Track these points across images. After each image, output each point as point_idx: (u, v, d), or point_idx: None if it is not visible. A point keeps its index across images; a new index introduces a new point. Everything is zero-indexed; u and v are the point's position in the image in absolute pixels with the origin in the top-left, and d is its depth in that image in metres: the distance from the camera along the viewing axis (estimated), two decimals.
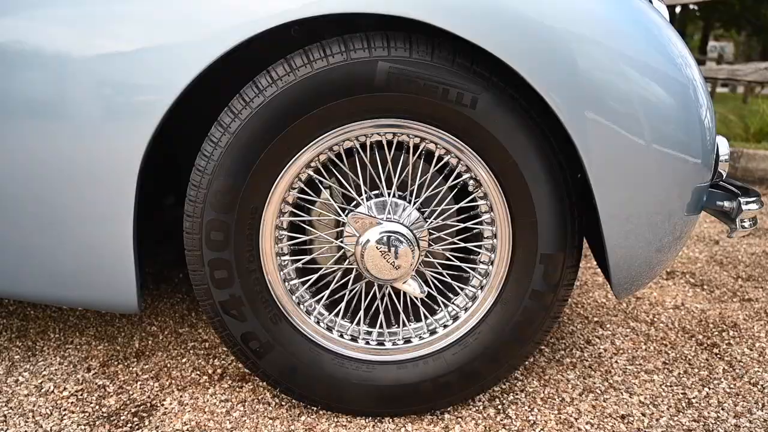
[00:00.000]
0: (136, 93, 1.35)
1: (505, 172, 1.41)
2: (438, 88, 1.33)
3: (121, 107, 1.36)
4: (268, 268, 1.49)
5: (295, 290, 1.56)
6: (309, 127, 1.34)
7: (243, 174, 1.39)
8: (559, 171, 1.40)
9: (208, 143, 1.40)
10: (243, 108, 1.36)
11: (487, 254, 1.54)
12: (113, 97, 1.36)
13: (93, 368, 1.87)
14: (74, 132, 1.39)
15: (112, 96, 1.36)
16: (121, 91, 1.35)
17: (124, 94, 1.35)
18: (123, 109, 1.36)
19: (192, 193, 1.41)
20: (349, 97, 1.32)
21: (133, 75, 1.34)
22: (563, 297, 1.51)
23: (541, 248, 1.45)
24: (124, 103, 1.35)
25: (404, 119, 1.36)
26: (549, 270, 1.47)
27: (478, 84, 1.32)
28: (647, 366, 1.96)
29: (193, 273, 1.47)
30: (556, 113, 1.30)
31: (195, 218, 1.42)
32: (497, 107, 1.35)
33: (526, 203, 1.42)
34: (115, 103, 1.36)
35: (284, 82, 1.34)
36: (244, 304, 1.48)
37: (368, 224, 1.44)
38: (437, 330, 1.58)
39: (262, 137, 1.37)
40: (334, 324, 1.59)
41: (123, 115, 1.36)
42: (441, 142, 1.41)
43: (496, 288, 1.52)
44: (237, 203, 1.40)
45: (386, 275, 1.45)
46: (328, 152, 1.41)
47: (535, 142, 1.38)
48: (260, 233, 1.46)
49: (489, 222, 1.51)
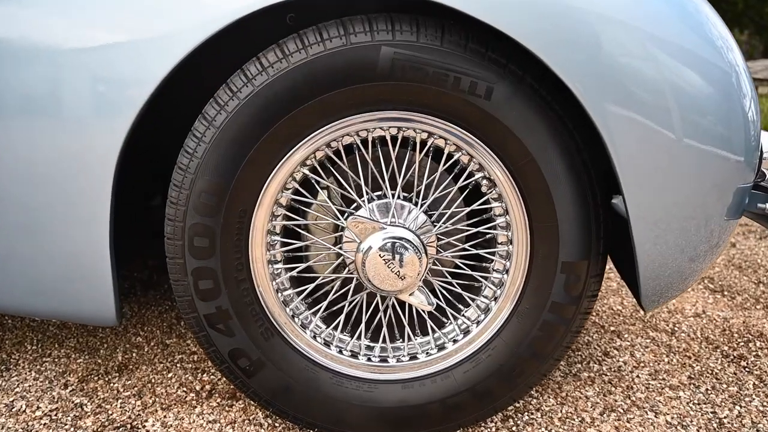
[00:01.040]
0: (108, 86, 1.21)
1: (523, 171, 1.26)
2: (448, 76, 1.18)
3: (92, 101, 1.21)
4: (259, 277, 1.35)
5: (289, 302, 1.41)
6: (304, 121, 1.19)
7: (230, 173, 1.24)
8: (583, 169, 1.26)
9: (191, 139, 1.25)
10: (230, 99, 1.21)
11: (502, 262, 1.39)
12: (83, 91, 1.21)
13: (71, 384, 1.72)
14: (42, 129, 1.24)
15: (81, 89, 1.21)
16: (92, 84, 1.20)
17: (96, 87, 1.20)
18: (95, 104, 1.21)
19: (173, 195, 1.27)
20: (349, 87, 1.18)
21: (105, 66, 1.19)
22: (586, 309, 1.36)
23: (562, 256, 1.30)
24: (95, 96, 1.21)
25: (410, 111, 1.22)
26: (571, 280, 1.32)
27: (494, 72, 1.17)
28: (671, 381, 1.82)
29: (175, 283, 1.33)
30: (583, 104, 1.15)
31: (177, 222, 1.27)
32: (515, 98, 1.20)
33: (546, 205, 1.28)
34: (86, 96, 1.21)
35: (276, 69, 1.19)
36: (231, 317, 1.33)
37: (370, 229, 1.29)
38: (446, 345, 1.44)
39: (251, 132, 1.22)
40: (332, 338, 1.45)
41: (95, 110, 1.21)
42: (451, 137, 1.26)
43: (512, 299, 1.38)
44: (223, 205, 1.26)
45: (390, 286, 1.30)
46: (326, 149, 1.26)
47: (556, 137, 1.23)
48: (250, 239, 1.31)
49: (504, 226, 1.36)
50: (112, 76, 1.20)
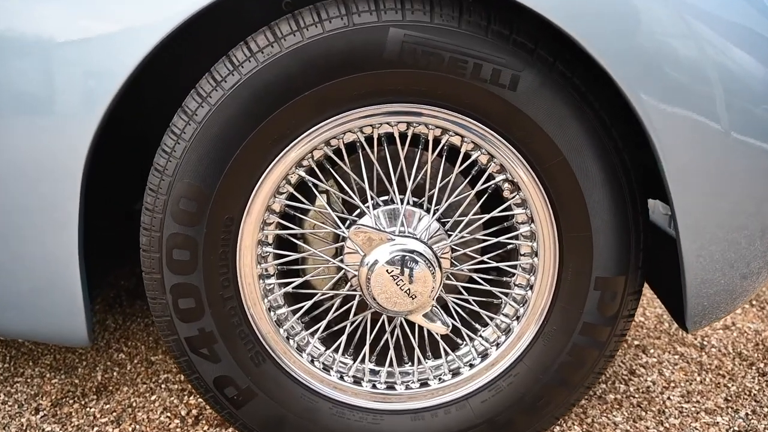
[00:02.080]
0: (72, 78, 1.07)
1: (552, 173, 1.11)
2: (467, 63, 1.02)
3: (54, 94, 1.07)
4: (248, 294, 1.18)
5: (283, 321, 1.25)
6: (299, 115, 1.06)
7: (214, 175, 1.08)
8: (622, 171, 1.09)
9: (169, 136, 1.09)
10: (213, 90, 1.05)
11: (525, 276, 1.23)
12: (44, 82, 1.06)
13: (42, 408, 1.56)
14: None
15: (42, 80, 1.06)
16: (54, 75, 1.07)
17: (58, 78, 1.07)
18: (58, 97, 1.07)
19: (149, 201, 1.11)
20: (351, 75, 1.05)
21: (67, 56, 1.06)
22: (622, 331, 1.20)
23: (596, 270, 1.15)
24: (58, 89, 1.07)
25: (422, 104, 1.09)
26: (606, 298, 1.16)
27: (520, 58, 1.03)
28: (707, 404, 1.65)
29: (152, 301, 1.16)
30: (624, 94, 0.98)
31: (153, 232, 1.11)
32: (544, 88, 1.05)
33: (578, 213, 1.12)
34: (48, 89, 1.07)
35: (266, 55, 1.03)
36: (217, 340, 1.17)
37: (376, 240, 1.12)
38: (461, 370, 1.27)
39: (238, 127, 1.07)
40: (332, 362, 1.28)
41: (58, 104, 1.08)
42: (469, 134, 1.11)
43: (537, 319, 1.21)
44: (206, 213, 1.10)
45: (399, 306, 1.13)
46: (325, 147, 1.11)
47: (591, 133, 1.08)
48: (238, 251, 1.15)
49: (527, 236, 1.20)
50: (76, 66, 1.06)
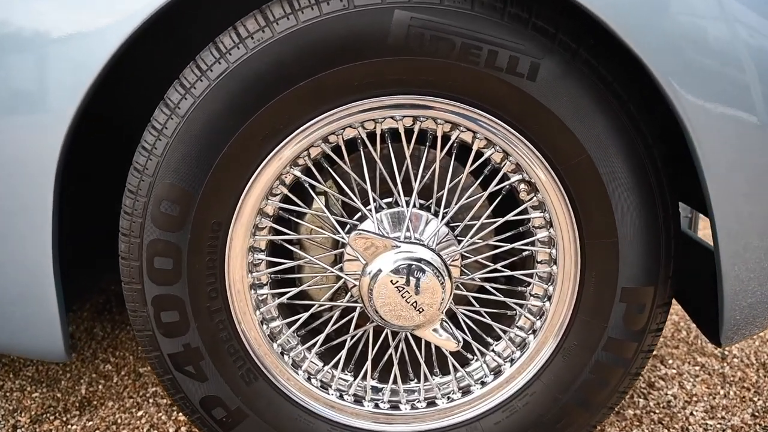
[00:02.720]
0: (42, 74, 0.98)
1: (574, 173, 1.01)
2: (481, 49, 0.92)
3: (23, 89, 0.97)
4: (238, 306, 1.08)
5: (277, 335, 1.14)
6: (293, 108, 0.98)
7: (198, 175, 0.98)
8: (652, 170, 0.99)
9: (150, 132, 0.99)
10: (198, 80, 0.95)
11: (542, 286, 1.12)
12: (16, 79, 0.98)
13: (21, 425, 1.45)
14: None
15: (14, 77, 0.98)
16: (26, 72, 0.98)
17: (30, 74, 0.98)
18: (27, 92, 0.97)
19: (128, 203, 1.01)
20: (352, 63, 0.95)
21: (36, 48, 0.97)
22: (649, 347, 1.09)
23: (622, 280, 1.04)
24: (27, 83, 0.96)
25: (430, 96, 0.99)
26: (633, 310, 1.06)
27: (540, 44, 0.94)
28: (733, 420, 1.54)
29: (132, 314, 1.06)
30: (659, 83, 0.87)
31: (132, 238, 1.01)
32: (566, 78, 0.95)
33: (603, 216, 1.02)
34: (16, 84, 0.96)
35: (257, 41, 0.93)
36: (203, 357, 1.07)
37: (379, 247, 1.01)
38: (472, 389, 1.17)
39: (226, 122, 0.97)
40: (331, 379, 1.18)
41: (27, 100, 0.99)
42: (482, 129, 1.02)
43: (556, 333, 1.11)
44: (190, 217, 1.00)
45: (405, 321, 1.02)
46: (322, 144, 1.01)
47: (619, 128, 0.98)
48: (227, 258, 1.05)
49: (545, 242, 1.10)
50: (47, 59, 0.97)
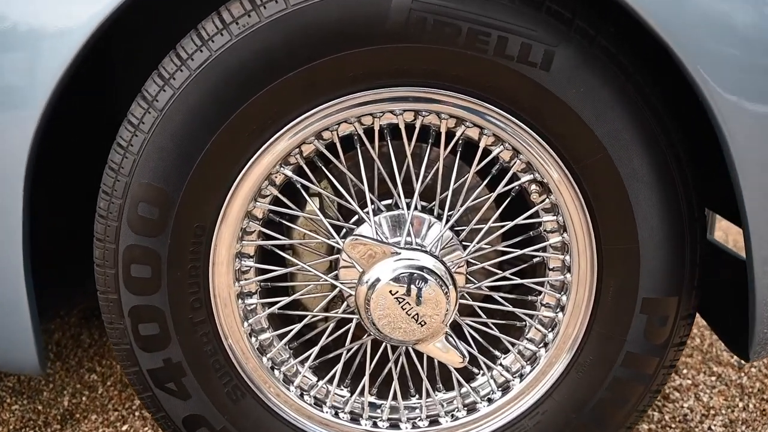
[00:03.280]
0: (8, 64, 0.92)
1: (591, 172, 0.94)
2: (490, 35, 0.86)
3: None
4: (224, 317, 1.02)
5: (267, 348, 1.07)
6: (283, 101, 0.91)
7: (179, 174, 0.93)
8: (676, 170, 0.93)
9: (126, 128, 0.92)
10: (177, 70, 0.88)
11: (554, 295, 1.05)
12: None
13: None
14: None
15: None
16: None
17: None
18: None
19: (102, 205, 0.94)
20: (347, 51, 0.88)
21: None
22: (671, 362, 1.02)
23: (643, 290, 0.98)
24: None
25: (433, 88, 0.92)
26: (655, 323, 0.99)
27: (555, 30, 0.87)
28: None
29: (109, 326, 1.00)
30: (689, 73, 0.79)
31: (107, 244, 0.94)
32: (584, 68, 0.88)
33: (622, 220, 0.95)
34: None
35: (242, 27, 0.86)
36: (186, 373, 1.00)
37: (378, 253, 0.93)
38: (478, 406, 1.09)
39: (208, 116, 0.90)
40: (325, 396, 1.10)
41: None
42: (489, 125, 0.96)
43: (570, 347, 1.04)
44: (170, 221, 0.94)
45: (405, 334, 0.95)
46: (315, 141, 0.96)
47: (641, 124, 0.91)
48: (211, 266, 0.99)
49: (558, 247, 1.04)
50: (10, 50, 0.89)
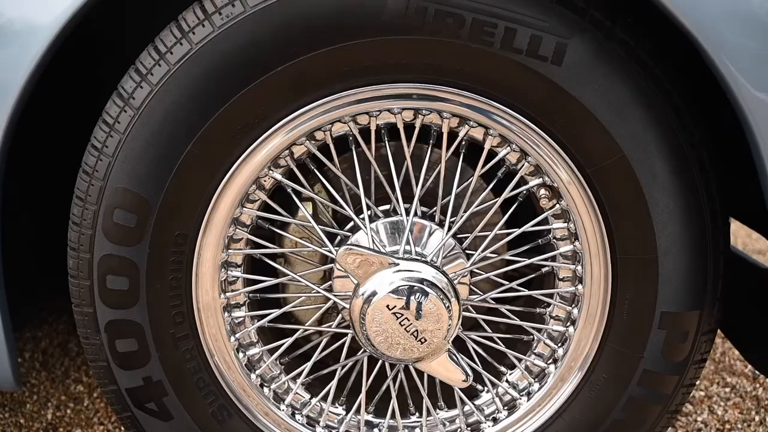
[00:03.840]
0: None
1: (606, 176, 0.88)
2: (496, 27, 0.81)
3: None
4: (209, 332, 0.96)
5: (256, 364, 1.01)
6: (271, 98, 0.85)
7: (158, 178, 0.86)
8: (699, 173, 0.86)
9: (100, 128, 0.87)
10: (155, 65, 0.81)
11: (564, 308, 0.99)
12: None
13: None
14: None
15: None
16: None
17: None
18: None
19: (76, 212, 0.88)
20: (340, 44, 0.82)
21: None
22: (691, 381, 0.96)
23: (662, 303, 0.92)
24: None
25: (434, 84, 0.86)
26: (674, 339, 0.93)
27: (568, 21, 0.81)
28: None
29: (84, 341, 0.94)
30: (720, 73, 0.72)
31: (81, 253, 0.89)
32: (598, 62, 0.82)
33: (639, 228, 0.89)
34: None
35: (225, 17, 0.82)
36: (167, 392, 0.94)
37: (375, 264, 0.86)
38: (482, 426, 1.04)
39: (189, 115, 0.84)
40: (319, 414, 1.05)
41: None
42: (495, 124, 0.89)
43: (581, 364, 0.98)
44: (149, 228, 0.87)
45: (404, 352, 0.88)
46: (307, 142, 0.91)
47: (661, 123, 0.84)
48: (194, 277, 0.93)
49: (569, 256, 0.98)
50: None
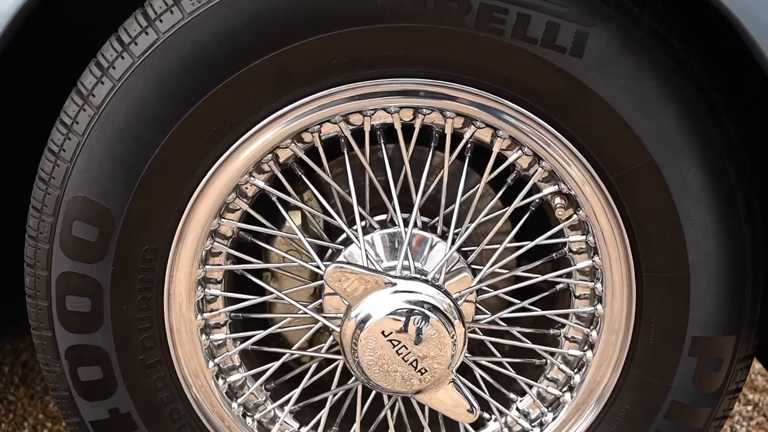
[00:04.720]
0: None
1: (631, 183, 0.81)
2: (507, 13, 0.73)
3: None
4: (183, 356, 0.90)
5: (238, 391, 0.95)
6: (250, 95, 0.78)
7: (121, 186, 0.80)
8: (736, 181, 0.79)
9: (58, 129, 0.83)
10: (118, 57, 0.76)
11: (581, 329, 0.94)
12: None
13: None
14: None
15: None
16: None
17: None
18: None
19: (32, 224, 0.84)
20: (329, 33, 0.75)
21: None
22: (724, 413, 0.91)
23: (693, 327, 0.85)
24: None
25: (436, 79, 0.80)
26: (706, 366, 0.86)
27: (589, 6, 0.74)
28: None
29: (45, 368, 0.89)
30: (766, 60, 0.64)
31: (38, 270, 0.84)
32: (624, 54, 0.75)
33: (669, 242, 0.83)
34: None
35: (197, 3, 0.77)
36: (137, 425, 0.90)
37: (370, 284, 0.77)
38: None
39: (157, 114, 0.77)
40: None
41: None
42: (505, 125, 0.82)
43: (601, 393, 0.92)
44: (112, 243, 0.81)
45: (402, 384, 0.80)
46: (293, 145, 0.85)
47: (694, 124, 0.78)
48: (167, 296, 0.87)
49: (587, 272, 0.90)
50: None
